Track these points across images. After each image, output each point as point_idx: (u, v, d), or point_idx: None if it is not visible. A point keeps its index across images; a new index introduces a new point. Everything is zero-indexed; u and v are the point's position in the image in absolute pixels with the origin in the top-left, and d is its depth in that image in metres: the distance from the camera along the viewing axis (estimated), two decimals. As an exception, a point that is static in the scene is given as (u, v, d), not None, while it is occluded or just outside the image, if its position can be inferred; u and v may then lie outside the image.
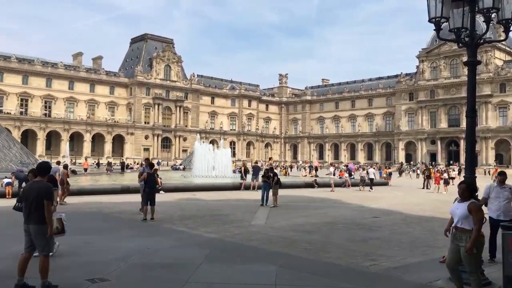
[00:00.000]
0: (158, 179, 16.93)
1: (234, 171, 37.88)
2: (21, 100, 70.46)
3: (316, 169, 43.76)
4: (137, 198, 14.47)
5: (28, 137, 69.31)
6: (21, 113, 69.19)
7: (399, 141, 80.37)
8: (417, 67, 79.96)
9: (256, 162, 55.19)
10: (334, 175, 28.96)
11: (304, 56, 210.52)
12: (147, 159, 15.24)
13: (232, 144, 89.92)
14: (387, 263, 7.62)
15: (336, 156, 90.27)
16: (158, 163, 55.33)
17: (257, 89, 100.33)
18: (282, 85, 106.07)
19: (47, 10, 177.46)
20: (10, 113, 67.72)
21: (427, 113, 77.35)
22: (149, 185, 12.35)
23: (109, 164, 51.39)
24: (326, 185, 27.12)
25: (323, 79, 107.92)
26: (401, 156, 79.22)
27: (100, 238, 9.51)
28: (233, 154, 73.19)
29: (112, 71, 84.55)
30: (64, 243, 8.80)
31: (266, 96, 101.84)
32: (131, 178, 28.87)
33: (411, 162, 72.96)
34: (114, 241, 9.20)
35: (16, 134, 62.68)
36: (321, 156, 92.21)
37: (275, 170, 20.02)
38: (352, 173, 37.10)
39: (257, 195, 18.28)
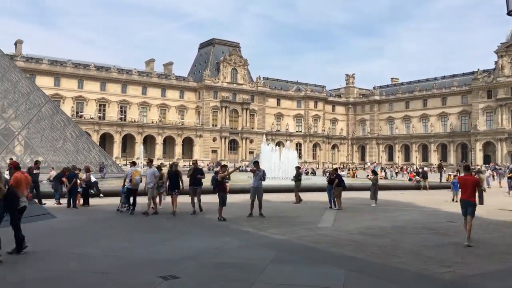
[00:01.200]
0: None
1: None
2: (99, 105, 75.20)
3: (385, 171, 42.65)
4: (206, 198, 14.96)
5: (105, 140, 73.80)
6: (99, 117, 73.86)
7: (476, 142, 75.83)
8: (496, 62, 75.16)
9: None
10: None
11: (373, 56, 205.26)
12: (252, 161, 15.41)
13: (298, 146, 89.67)
14: (463, 270, 7.22)
15: (407, 157, 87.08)
16: (218, 165, 55.62)
17: (323, 90, 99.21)
18: (349, 86, 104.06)
19: (123, 21, 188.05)
20: (93, 118, 72.37)
21: (507, 111, 72.38)
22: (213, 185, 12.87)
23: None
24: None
25: (392, 78, 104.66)
26: (478, 157, 74.63)
27: (171, 237, 9.89)
28: (299, 156, 72.93)
29: (182, 76, 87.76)
30: (138, 242, 9.30)
31: (332, 97, 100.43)
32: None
33: (491, 164, 66.64)
34: (184, 241, 9.54)
35: (95, 138, 67.09)
36: (390, 158, 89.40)
37: (340, 172, 19.73)
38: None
39: (324, 197, 18.09)
